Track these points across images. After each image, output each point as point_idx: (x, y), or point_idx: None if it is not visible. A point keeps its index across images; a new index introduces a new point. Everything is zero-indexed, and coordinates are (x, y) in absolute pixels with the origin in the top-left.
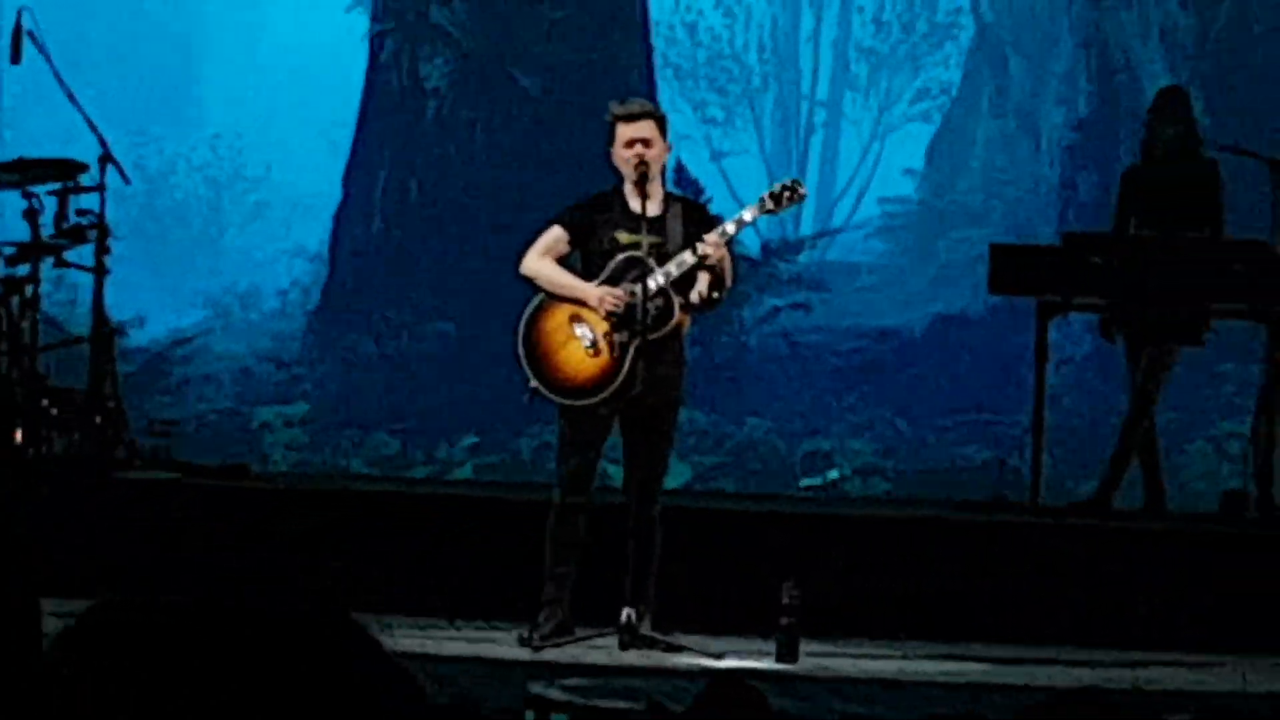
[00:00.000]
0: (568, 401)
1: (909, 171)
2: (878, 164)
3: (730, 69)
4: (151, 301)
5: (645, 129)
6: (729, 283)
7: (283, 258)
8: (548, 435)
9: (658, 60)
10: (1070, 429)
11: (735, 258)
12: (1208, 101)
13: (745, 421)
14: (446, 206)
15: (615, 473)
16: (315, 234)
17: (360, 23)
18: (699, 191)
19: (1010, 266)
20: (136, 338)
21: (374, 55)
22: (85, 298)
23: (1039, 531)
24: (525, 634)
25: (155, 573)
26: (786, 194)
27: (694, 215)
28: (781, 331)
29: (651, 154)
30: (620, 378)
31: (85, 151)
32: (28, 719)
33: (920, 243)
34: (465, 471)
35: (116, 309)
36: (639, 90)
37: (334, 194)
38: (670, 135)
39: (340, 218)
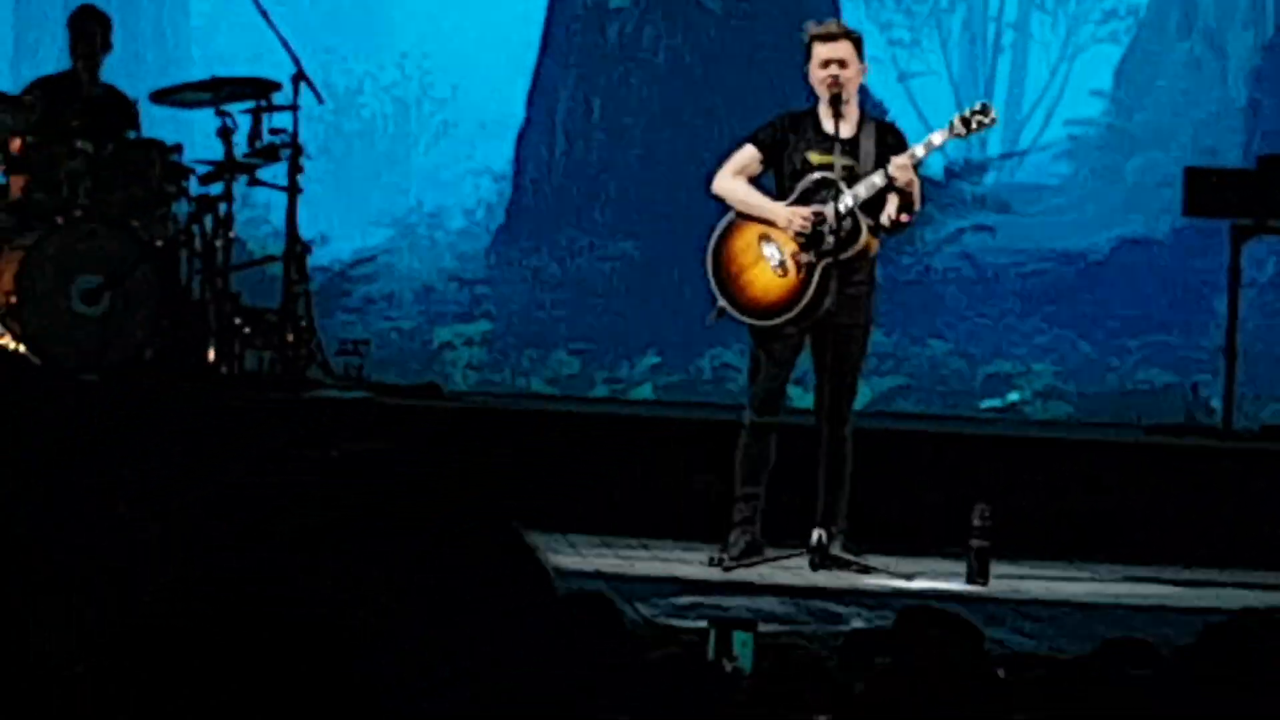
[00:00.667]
0: (755, 321)
1: (1096, 93)
2: (1065, 85)
3: None
4: (336, 221)
5: (841, 49)
6: (918, 206)
7: (469, 177)
8: (729, 356)
9: None
10: (1256, 354)
11: (923, 180)
12: None
13: (927, 343)
14: (629, 127)
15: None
16: (501, 154)
17: None
18: (884, 113)
19: (1204, 189)
20: (319, 257)
21: None
22: (271, 216)
23: (1231, 456)
24: (716, 555)
25: (342, 491)
26: (976, 118)
27: (887, 138)
28: (964, 253)
29: (847, 74)
30: (807, 297)
31: (275, 70)
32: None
33: (1106, 165)
34: (645, 391)
35: (302, 228)
36: (824, 11)
37: (520, 114)
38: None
39: (523, 138)
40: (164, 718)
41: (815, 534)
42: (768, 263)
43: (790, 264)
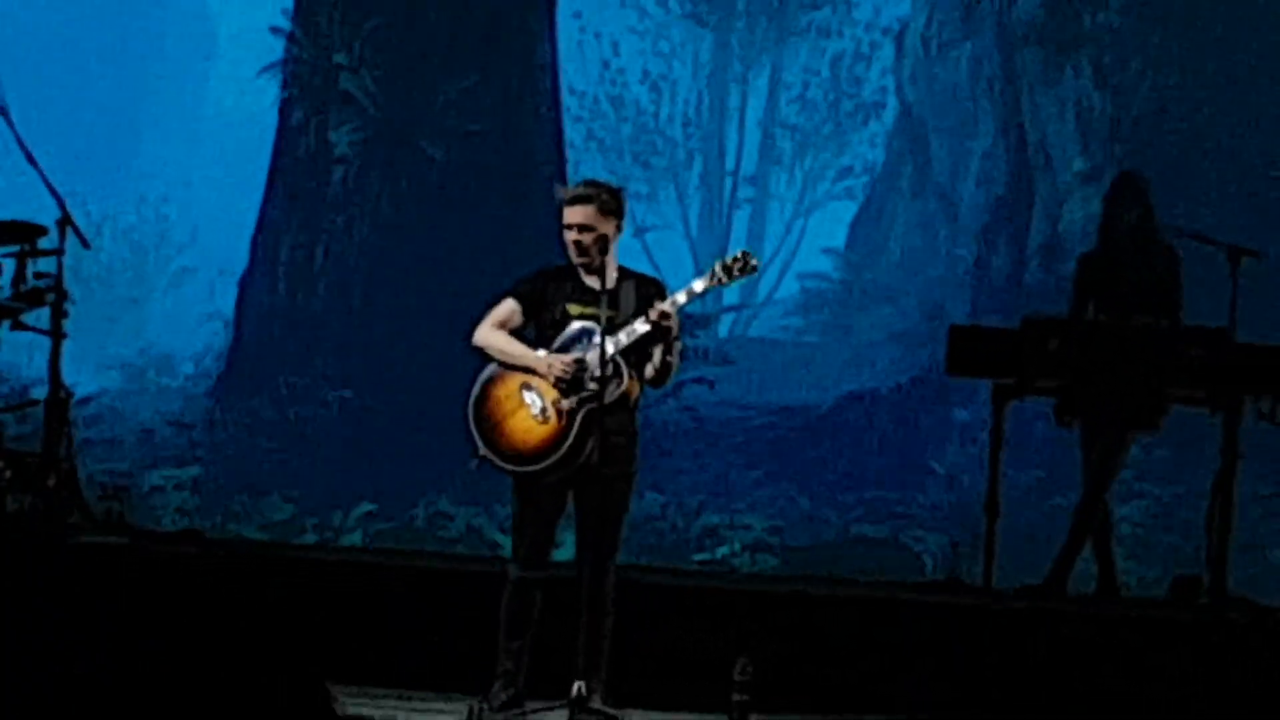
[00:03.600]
0: (517, 469)
1: (828, 250)
2: (801, 240)
3: (655, 143)
4: (69, 364)
5: (579, 214)
6: (675, 356)
7: (207, 322)
8: (443, 504)
9: (582, 133)
10: (968, 506)
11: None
12: None
13: (644, 495)
14: (350, 273)
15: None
16: (233, 299)
17: (272, 89)
18: None
19: (969, 348)
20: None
21: (283, 121)
22: (35, 360)
23: (991, 614)
24: (476, 706)
25: (107, 635)
26: (738, 265)
27: (647, 290)
28: (686, 405)
29: (588, 239)
30: (568, 444)
31: (36, 213)
32: None
33: (837, 320)
34: (355, 538)
35: (33, 370)
36: (548, 162)
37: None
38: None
39: (246, 282)
40: None
41: (575, 686)
42: (529, 409)
43: (551, 411)
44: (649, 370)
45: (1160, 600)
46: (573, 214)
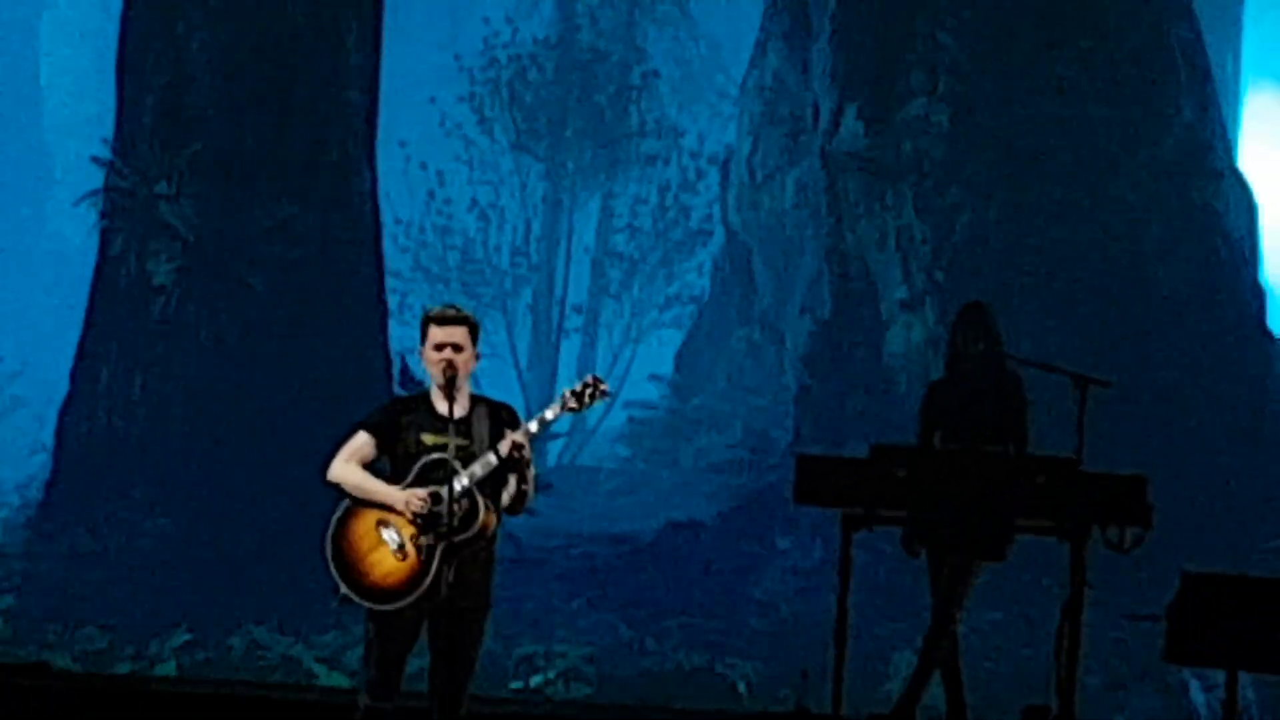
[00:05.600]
0: (378, 605)
1: (654, 377)
2: (630, 368)
3: (483, 272)
4: None
5: (456, 334)
6: (530, 484)
7: (34, 453)
8: (259, 634)
9: (409, 262)
10: (778, 635)
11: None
12: (942, 311)
13: None
14: (168, 403)
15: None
16: None
17: (94, 217)
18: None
19: (816, 477)
20: None
21: (103, 250)
22: None
23: None
24: None
25: None
26: (589, 391)
27: (500, 416)
28: (508, 533)
29: (461, 358)
30: (428, 580)
31: None
32: None
33: (662, 449)
34: (169, 668)
35: None
36: (367, 287)
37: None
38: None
39: (66, 413)
40: None
41: None
42: (387, 546)
43: (410, 547)
44: (505, 498)
45: None
46: (448, 333)
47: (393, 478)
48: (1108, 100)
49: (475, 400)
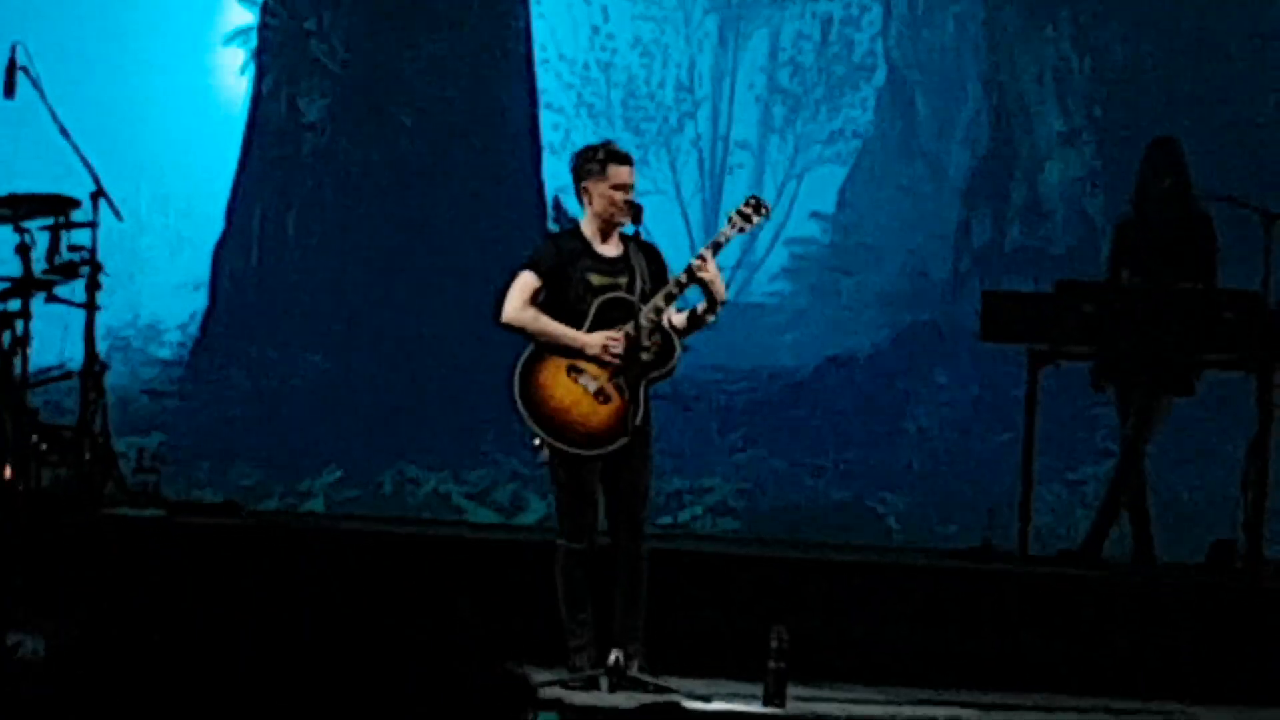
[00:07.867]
0: (592, 452)
1: (815, 215)
2: (794, 204)
3: (646, 108)
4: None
5: (632, 175)
6: (721, 299)
7: (200, 288)
8: (412, 471)
9: (572, 99)
10: (931, 471)
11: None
12: (1099, 145)
13: None
14: (322, 240)
15: None
16: None
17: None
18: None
19: (1002, 314)
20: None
21: (256, 88)
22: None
23: (1028, 580)
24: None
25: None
26: (754, 210)
27: (649, 252)
28: None
29: (631, 199)
30: (637, 418)
31: (73, 187)
32: None
33: (823, 284)
34: (318, 504)
35: (69, 343)
36: (520, 125)
37: None
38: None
39: (220, 250)
40: None
41: (613, 655)
42: (587, 392)
43: (610, 389)
44: (700, 314)
45: (1197, 566)
46: (630, 173)
47: (559, 318)
48: None
49: (623, 239)
